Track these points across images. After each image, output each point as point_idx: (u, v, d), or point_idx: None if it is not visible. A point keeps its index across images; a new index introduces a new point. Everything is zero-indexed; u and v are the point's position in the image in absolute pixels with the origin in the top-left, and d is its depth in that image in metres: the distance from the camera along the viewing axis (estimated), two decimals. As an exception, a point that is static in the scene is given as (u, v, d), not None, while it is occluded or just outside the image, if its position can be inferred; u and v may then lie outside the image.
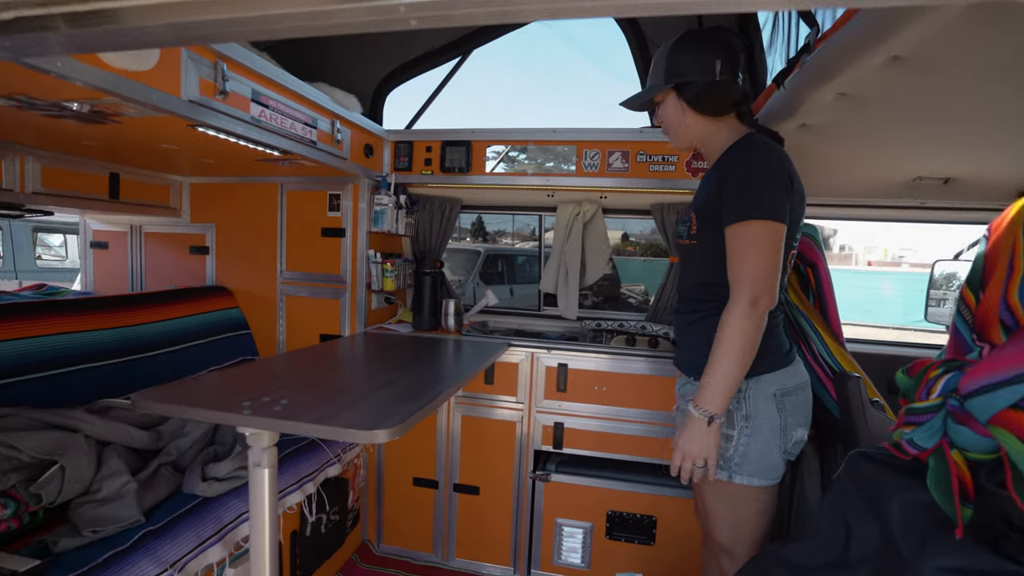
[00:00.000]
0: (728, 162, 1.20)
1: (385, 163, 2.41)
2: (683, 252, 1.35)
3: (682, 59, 1.23)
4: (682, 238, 1.31)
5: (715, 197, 1.19)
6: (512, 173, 2.31)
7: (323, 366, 1.67)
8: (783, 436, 1.23)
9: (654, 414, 2.05)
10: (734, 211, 1.13)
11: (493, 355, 1.99)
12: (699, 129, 1.29)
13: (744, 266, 1.12)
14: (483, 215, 6.13)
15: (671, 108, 1.29)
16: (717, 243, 1.19)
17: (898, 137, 1.51)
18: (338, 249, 2.33)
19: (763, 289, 1.10)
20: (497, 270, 7.21)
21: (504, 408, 2.18)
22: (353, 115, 2.05)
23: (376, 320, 2.45)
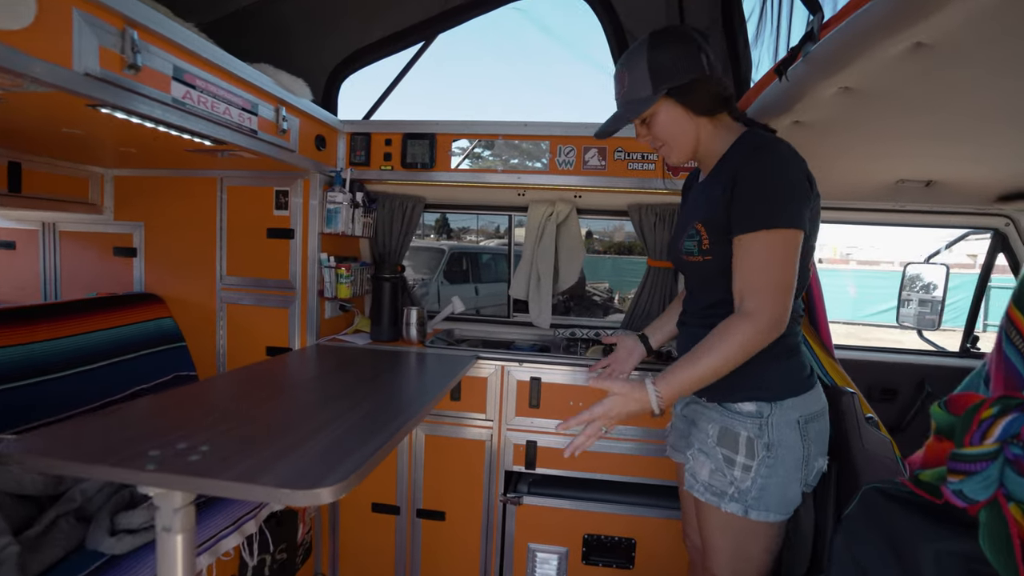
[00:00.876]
0: (735, 164, 1.05)
1: (340, 157, 2.18)
2: (694, 269, 1.17)
3: (666, 60, 1.08)
4: (691, 255, 1.13)
5: (724, 206, 1.05)
6: (480, 170, 2.13)
7: (264, 390, 1.45)
8: (806, 467, 1.12)
9: (633, 430, 1.91)
10: (748, 219, 1.00)
11: (460, 370, 1.81)
12: (699, 133, 1.14)
13: (764, 281, 0.98)
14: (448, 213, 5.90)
15: (666, 117, 1.12)
16: (728, 257, 1.07)
17: (893, 135, 1.42)
18: (286, 252, 2.09)
19: (784, 309, 0.98)
20: (462, 268, 7.01)
21: (472, 426, 2.01)
22: (302, 102, 1.83)
23: (330, 330, 2.22)
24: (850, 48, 1.01)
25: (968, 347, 2.30)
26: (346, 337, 2.17)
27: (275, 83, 1.66)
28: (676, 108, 1.11)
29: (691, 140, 1.14)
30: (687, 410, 1.28)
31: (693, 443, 1.19)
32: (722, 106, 1.13)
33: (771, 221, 0.98)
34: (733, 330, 1.00)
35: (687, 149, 1.15)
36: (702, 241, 1.10)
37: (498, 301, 7.28)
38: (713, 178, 1.14)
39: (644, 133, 1.18)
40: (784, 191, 0.99)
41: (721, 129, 1.14)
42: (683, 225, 1.21)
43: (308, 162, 1.93)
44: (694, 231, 1.12)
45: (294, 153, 1.82)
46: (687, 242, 1.14)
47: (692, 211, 1.19)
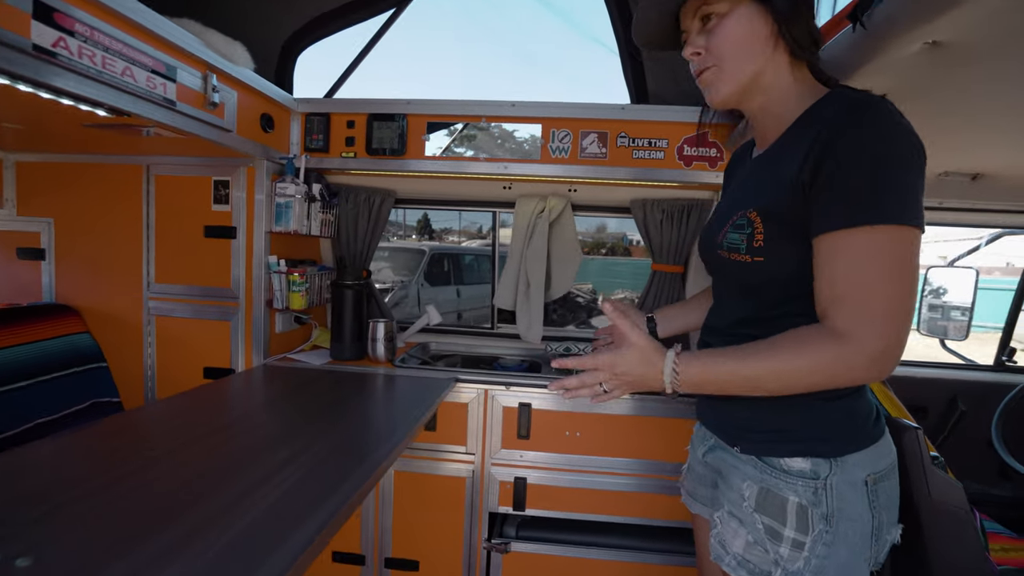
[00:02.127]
0: (819, 131, 0.73)
1: (293, 142, 1.85)
2: (735, 272, 0.87)
3: None
4: (736, 251, 0.84)
5: (796, 189, 0.75)
6: (460, 158, 1.82)
7: (182, 431, 1.12)
8: (876, 542, 0.83)
9: (641, 464, 1.63)
10: (848, 210, 0.70)
11: (436, 397, 1.49)
12: (769, 69, 0.82)
13: (871, 295, 0.69)
14: (429, 210, 5.58)
15: (743, 24, 0.80)
16: (794, 263, 0.78)
17: (961, 111, 1.16)
18: (227, 254, 1.75)
19: (898, 342, 0.69)
20: (443, 270, 6.71)
21: (451, 460, 1.69)
22: (242, 71, 1.49)
23: (282, 347, 1.88)
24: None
25: (1004, 360, 2.08)
26: (300, 356, 1.83)
27: (203, 44, 1.32)
28: (760, 19, 0.79)
29: (752, 70, 0.82)
30: (711, 457, 0.99)
31: (723, 503, 0.91)
32: (810, 50, 0.82)
33: (883, 214, 0.68)
34: (815, 344, 0.72)
35: (743, 83, 0.83)
36: (754, 235, 0.80)
37: (481, 304, 7.02)
38: (780, 150, 0.83)
39: (697, 43, 0.84)
40: (902, 171, 0.69)
41: (798, 81, 0.83)
42: (726, 212, 0.89)
43: (251, 145, 1.60)
44: (745, 220, 0.82)
45: (230, 133, 1.48)
46: (732, 234, 0.84)
47: (743, 194, 0.88)
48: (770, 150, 0.86)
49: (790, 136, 0.82)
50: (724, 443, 0.93)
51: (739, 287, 0.89)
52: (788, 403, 0.80)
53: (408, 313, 5.95)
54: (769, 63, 0.82)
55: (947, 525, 1.17)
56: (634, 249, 11.97)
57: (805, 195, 0.74)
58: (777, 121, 0.85)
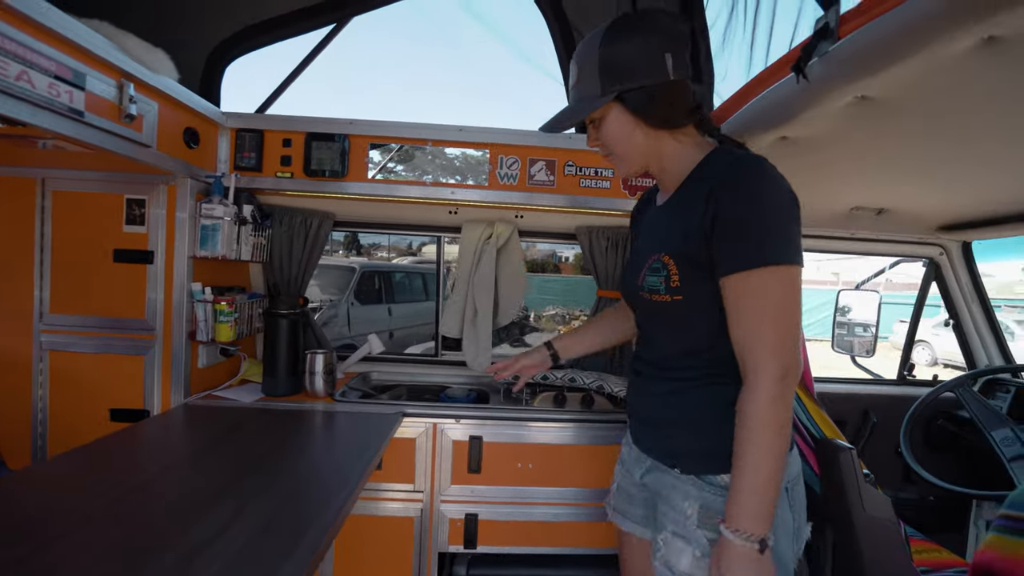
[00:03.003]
0: (712, 185, 0.85)
1: (221, 159, 1.70)
2: (658, 311, 0.95)
3: (621, 57, 0.90)
4: (656, 292, 0.92)
5: (700, 236, 0.86)
6: (405, 182, 1.76)
7: (80, 500, 0.96)
8: (796, 540, 0.93)
9: (596, 492, 1.62)
10: (741, 255, 0.81)
11: (382, 435, 1.41)
12: (654, 148, 0.96)
13: (765, 328, 0.81)
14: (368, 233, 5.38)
15: (615, 125, 0.95)
16: (708, 296, 0.88)
17: (873, 157, 1.28)
18: (141, 281, 1.56)
19: (791, 356, 0.81)
20: (374, 287, 6.49)
21: (397, 500, 1.60)
22: (163, 81, 1.35)
23: (206, 383, 1.70)
24: (890, 47, 0.82)
25: (905, 375, 2.30)
26: (227, 393, 1.66)
27: (117, 49, 1.19)
28: (625, 116, 0.93)
29: (643, 154, 0.97)
30: (650, 478, 1.01)
31: (665, 524, 0.95)
32: (687, 118, 0.94)
33: (771, 256, 0.80)
34: (750, 411, 0.81)
35: (637, 163, 0.99)
36: (671, 277, 0.90)
37: (412, 323, 6.82)
38: (682, 201, 0.93)
39: (593, 137, 1.00)
40: (782, 218, 0.82)
41: (686, 144, 0.95)
42: (642, 256, 0.98)
43: (173, 162, 1.45)
44: (659, 264, 0.92)
45: (149, 149, 1.33)
46: (650, 277, 0.93)
47: (654, 239, 0.97)
48: (672, 200, 0.96)
49: (686, 188, 0.93)
50: (663, 465, 0.97)
51: (667, 325, 0.96)
52: (716, 426, 0.88)
53: (338, 333, 5.66)
54: (652, 139, 0.94)
55: (880, 537, 1.25)
56: (564, 266, 12.13)
57: (708, 241, 0.84)
58: (674, 176, 0.96)
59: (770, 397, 0.79)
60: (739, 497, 0.80)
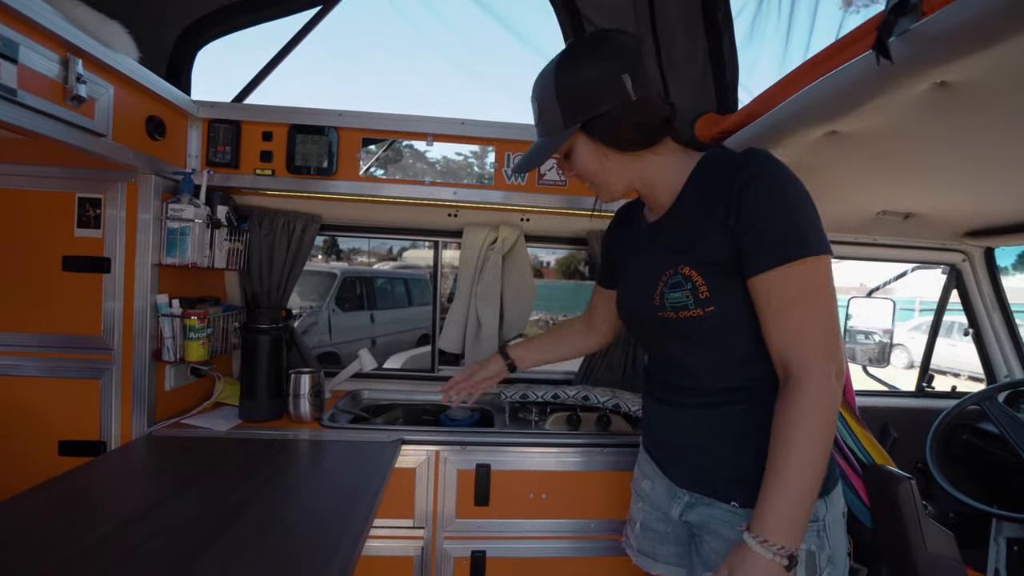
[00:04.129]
0: (727, 186, 0.80)
1: (192, 154, 1.51)
2: (687, 327, 0.86)
3: (577, 86, 0.85)
4: (685, 308, 0.84)
5: (723, 237, 0.80)
6: (401, 181, 1.58)
7: (29, 556, 0.76)
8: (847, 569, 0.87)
9: (617, 524, 1.46)
10: (778, 248, 0.76)
11: (384, 466, 1.23)
12: (633, 168, 0.90)
13: (813, 325, 0.76)
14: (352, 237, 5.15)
15: (584, 155, 0.89)
16: (740, 303, 0.81)
17: (929, 156, 1.17)
18: (96, 293, 1.36)
19: (839, 349, 0.76)
20: (356, 294, 6.27)
21: (396, 537, 1.42)
22: (121, 60, 1.15)
23: (175, 408, 1.50)
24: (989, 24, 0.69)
25: (924, 387, 2.21)
26: (198, 420, 1.46)
27: (61, 18, 0.99)
28: (594, 144, 0.87)
29: (622, 178, 0.91)
30: (693, 515, 0.89)
31: (710, 560, 0.86)
32: (660, 132, 0.88)
33: (811, 247, 0.75)
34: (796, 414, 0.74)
35: (619, 187, 0.93)
36: (697, 289, 0.82)
37: (395, 330, 6.61)
38: (688, 210, 0.87)
39: (567, 168, 0.95)
40: (809, 206, 0.78)
41: (670, 156, 0.90)
42: (648, 276, 0.90)
43: (134, 155, 1.25)
44: (680, 279, 0.84)
45: (103, 139, 1.13)
46: (672, 294, 0.85)
47: (660, 256, 0.89)
48: (671, 213, 0.89)
49: (689, 196, 0.86)
50: (713, 499, 0.86)
51: (700, 341, 0.86)
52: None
53: (319, 341, 5.43)
54: (629, 162, 0.87)
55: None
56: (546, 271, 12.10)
57: (734, 241, 0.78)
58: (666, 190, 0.89)
59: (821, 400, 0.73)
60: (775, 506, 0.73)
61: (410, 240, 1.89)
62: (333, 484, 1.15)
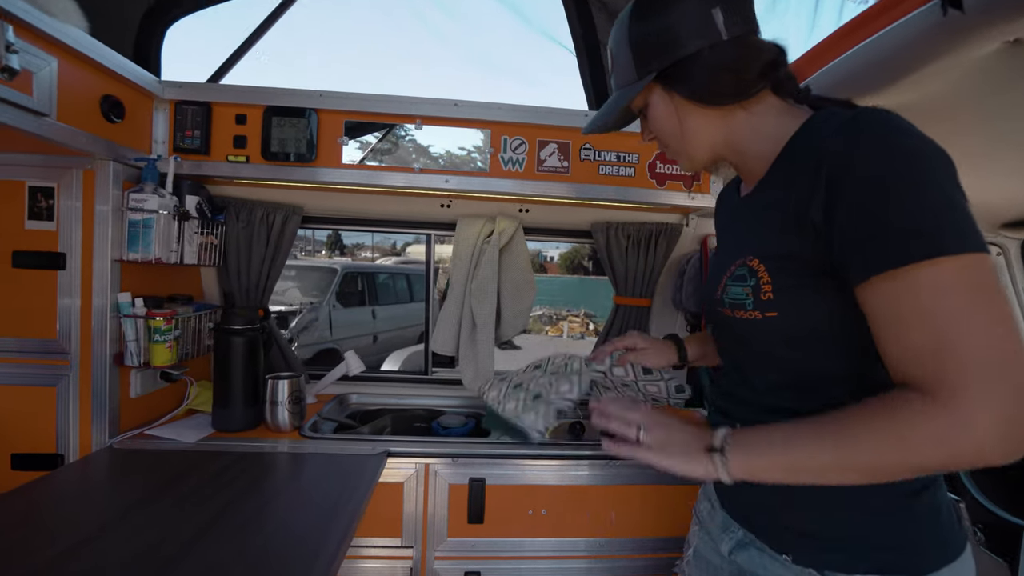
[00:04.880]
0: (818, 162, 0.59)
1: (158, 139, 1.38)
2: (743, 331, 0.70)
3: (655, 28, 0.70)
4: (742, 308, 0.67)
5: (807, 231, 0.60)
6: (388, 168, 1.45)
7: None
8: None
9: (625, 543, 1.34)
10: (890, 246, 0.53)
11: (365, 483, 1.11)
12: (719, 130, 0.73)
13: (970, 341, 0.50)
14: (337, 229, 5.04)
15: (661, 112, 0.74)
16: (817, 311, 0.63)
17: (984, 135, 1.02)
18: (50, 291, 1.23)
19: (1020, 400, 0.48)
20: (357, 289, 6.19)
21: (382, 556, 1.30)
22: (66, 30, 1.03)
23: (142, 416, 1.38)
24: None
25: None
26: (165, 431, 1.33)
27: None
28: (672, 98, 0.72)
29: (705, 141, 0.74)
30: (743, 557, 0.74)
31: None
32: (757, 83, 0.68)
33: (936, 243, 0.51)
34: (913, 416, 0.51)
35: (701, 154, 0.76)
36: (760, 287, 0.65)
37: (396, 325, 6.51)
38: (770, 188, 0.68)
39: (646, 130, 0.81)
40: (947, 190, 0.53)
41: (766, 117, 0.70)
42: (722, 262, 0.75)
43: (86, 139, 1.12)
44: (745, 270, 0.67)
45: (45, 119, 1.00)
46: (732, 288, 0.69)
47: (736, 240, 0.75)
48: (759, 189, 0.71)
49: (777, 172, 0.68)
50: (764, 544, 0.70)
51: (759, 350, 0.70)
52: (862, 500, 0.62)
53: (319, 337, 5.33)
54: (714, 120, 0.71)
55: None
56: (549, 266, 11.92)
57: (818, 236, 0.59)
58: (758, 159, 0.71)
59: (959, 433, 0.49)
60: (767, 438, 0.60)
61: (400, 233, 1.76)
62: (310, 500, 1.04)
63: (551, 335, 11.55)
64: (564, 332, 11.47)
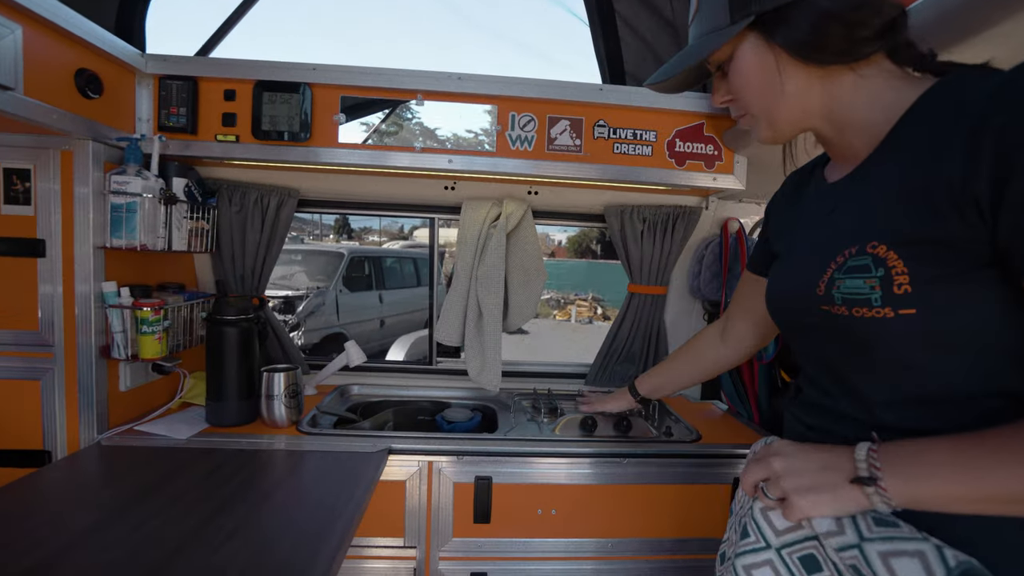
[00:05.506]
0: (971, 131, 0.49)
1: (141, 117, 1.29)
2: (860, 332, 0.58)
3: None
4: (865, 304, 0.56)
5: (966, 206, 0.49)
6: (386, 148, 1.35)
7: None
8: None
9: (637, 543, 1.27)
10: None
11: (364, 483, 1.05)
12: (817, 95, 0.63)
13: None
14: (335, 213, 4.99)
15: (752, 64, 0.64)
16: (971, 316, 0.52)
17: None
18: (31, 280, 1.16)
19: None
20: (364, 274, 6.15)
21: (384, 557, 1.24)
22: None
23: (136, 410, 1.32)
24: None
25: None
26: (156, 427, 1.27)
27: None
28: (771, 50, 0.62)
29: (798, 104, 0.63)
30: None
31: None
32: (873, 42, 0.58)
33: None
34: None
35: (790, 119, 0.65)
36: (892, 278, 0.53)
37: (404, 309, 6.47)
38: (893, 163, 0.57)
39: (722, 91, 0.70)
40: None
41: (878, 80, 0.60)
42: (819, 252, 0.62)
43: (60, 116, 1.03)
44: (866, 260, 0.55)
45: (10, 93, 0.92)
46: (849, 280, 0.57)
47: (839, 226, 0.62)
48: (872, 164, 0.60)
49: (904, 139, 0.57)
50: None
51: (886, 355, 0.57)
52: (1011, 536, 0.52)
53: (326, 322, 5.30)
54: (816, 81, 0.62)
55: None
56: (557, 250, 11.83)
57: (980, 217, 0.49)
58: (862, 131, 0.61)
59: None
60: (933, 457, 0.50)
61: (403, 217, 1.67)
62: (307, 502, 0.99)
63: (559, 319, 11.49)
64: (572, 316, 11.40)
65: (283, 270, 5.65)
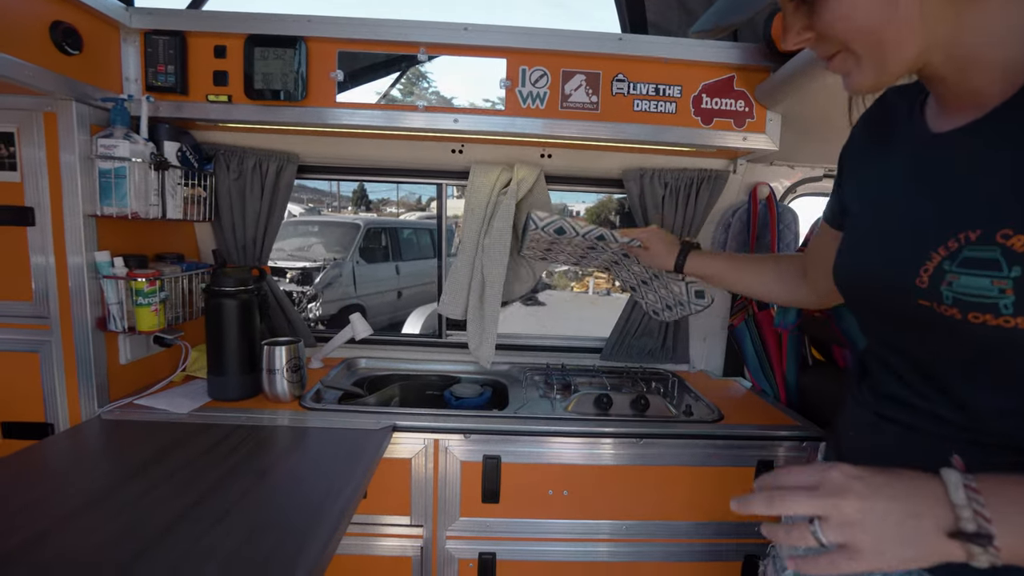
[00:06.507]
0: None
1: (129, 76, 1.22)
2: (981, 341, 0.46)
3: None
4: (990, 311, 0.43)
5: None
6: (389, 107, 1.26)
7: None
8: None
9: (650, 526, 1.22)
10: None
11: (366, 461, 1.01)
12: (948, 22, 0.46)
13: None
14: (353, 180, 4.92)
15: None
16: None
17: None
18: (22, 250, 1.13)
19: None
20: (381, 245, 6.12)
21: (390, 535, 1.21)
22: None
23: (137, 383, 1.30)
24: None
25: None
26: (157, 401, 1.24)
27: None
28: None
29: (919, 35, 0.46)
30: None
31: None
32: None
33: None
34: None
35: (905, 54, 0.48)
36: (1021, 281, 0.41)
37: (420, 281, 6.44)
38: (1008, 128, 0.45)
39: (800, 25, 0.52)
40: None
41: (1012, 10, 0.44)
42: (919, 229, 0.51)
43: (34, 72, 0.97)
44: (992, 252, 0.43)
45: (-24, 47, 0.85)
46: (966, 278, 0.45)
47: (962, 197, 0.48)
48: (1006, 118, 0.45)
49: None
50: None
51: (1001, 368, 0.47)
52: None
53: (343, 294, 5.31)
54: (934, 7, 0.45)
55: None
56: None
57: None
58: (997, 69, 0.46)
59: None
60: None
61: (408, 183, 1.59)
62: (306, 477, 0.96)
63: (576, 291, 11.38)
64: (590, 288, 11.27)
65: (300, 241, 5.64)
